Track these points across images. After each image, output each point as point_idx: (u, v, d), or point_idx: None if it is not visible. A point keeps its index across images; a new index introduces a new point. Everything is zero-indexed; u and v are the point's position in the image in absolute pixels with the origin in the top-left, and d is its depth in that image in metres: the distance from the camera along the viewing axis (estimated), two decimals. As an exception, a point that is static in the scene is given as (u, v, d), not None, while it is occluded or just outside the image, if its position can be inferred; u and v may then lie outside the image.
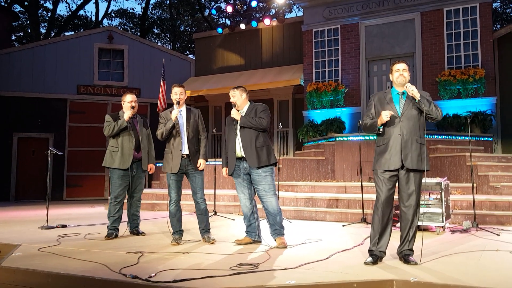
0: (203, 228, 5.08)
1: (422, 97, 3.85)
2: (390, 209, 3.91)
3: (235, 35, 14.47)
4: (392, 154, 3.86)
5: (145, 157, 5.63)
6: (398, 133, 3.86)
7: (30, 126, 13.27)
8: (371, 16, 11.68)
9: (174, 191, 5.00)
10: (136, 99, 5.67)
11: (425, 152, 3.87)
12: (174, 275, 3.36)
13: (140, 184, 5.68)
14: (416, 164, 3.80)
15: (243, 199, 4.94)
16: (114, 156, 5.43)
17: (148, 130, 5.76)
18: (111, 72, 14.26)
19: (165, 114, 5.13)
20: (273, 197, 4.79)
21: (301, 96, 12.88)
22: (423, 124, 3.91)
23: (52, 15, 24.54)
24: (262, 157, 4.76)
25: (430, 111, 3.83)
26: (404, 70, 4.01)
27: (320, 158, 10.08)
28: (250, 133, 4.81)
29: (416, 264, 3.69)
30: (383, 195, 3.89)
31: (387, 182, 3.89)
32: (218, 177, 9.95)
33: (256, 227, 4.95)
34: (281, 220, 4.86)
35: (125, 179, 5.47)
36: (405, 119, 3.87)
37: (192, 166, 5.01)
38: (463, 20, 10.68)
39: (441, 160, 8.67)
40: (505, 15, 22.72)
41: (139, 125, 5.65)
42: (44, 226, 6.39)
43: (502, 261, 3.89)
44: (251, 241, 4.92)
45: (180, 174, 5.01)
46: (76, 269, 3.65)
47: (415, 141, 3.83)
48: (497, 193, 7.39)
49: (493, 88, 10.32)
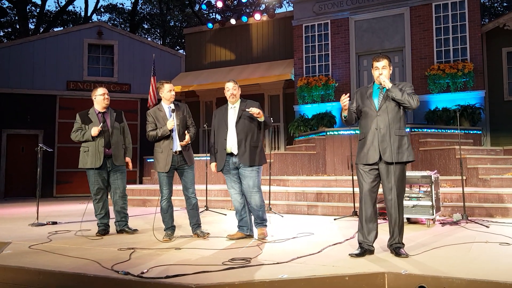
0: (195, 223, 5.08)
1: (393, 86, 3.84)
2: (373, 202, 3.93)
3: (225, 30, 14.42)
4: (369, 148, 3.89)
5: (117, 152, 5.42)
6: (375, 128, 3.89)
7: (19, 122, 13.14)
8: (360, 11, 11.70)
9: (166, 187, 4.98)
10: (107, 92, 5.52)
11: (406, 143, 3.88)
12: (167, 271, 3.36)
13: (118, 180, 5.46)
14: (396, 157, 3.81)
15: (233, 194, 4.94)
16: (86, 156, 5.37)
17: (122, 124, 5.57)
18: (100, 67, 14.16)
19: (153, 113, 5.04)
20: (257, 194, 4.80)
21: (291, 90, 12.89)
22: (403, 116, 3.93)
23: (40, 11, 24.23)
24: (255, 157, 4.76)
25: (402, 99, 3.81)
26: (384, 68, 3.97)
27: (311, 152, 10.11)
28: (247, 130, 4.78)
29: (407, 256, 3.71)
30: (364, 188, 3.93)
31: (367, 175, 3.93)
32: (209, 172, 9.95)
33: (248, 221, 4.96)
34: (264, 214, 4.90)
35: (100, 176, 5.37)
36: (382, 113, 3.88)
37: (184, 162, 4.99)
38: (451, 14, 10.75)
39: (430, 153, 8.74)
40: (493, 9, 22.89)
41: (110, 119, 5.47)
42: (35, 223, 6.34)
43: (492, 253, 3.94)
44: (243, 235, 4.93)
45: (172, 170, 4.99)
46: (67, 266, 3.62)
47: (393, 134, 3.83)
48: (486, 186, 7.47)
49: (481, 82, 10.41)
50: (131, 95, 14.08)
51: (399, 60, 11.37)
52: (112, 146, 5.40)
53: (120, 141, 5.50)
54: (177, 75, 14.57)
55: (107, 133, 5.39)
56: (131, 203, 9.24)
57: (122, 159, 5.51)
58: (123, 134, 5.58)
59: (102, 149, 5.32)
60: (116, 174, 5.45)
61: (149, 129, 5.01)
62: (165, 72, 14.12)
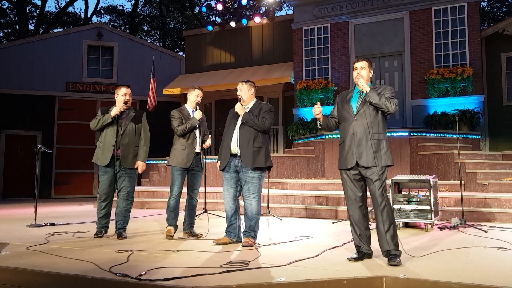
0: (189, 223, 5.21)
1: (371, 90, 3.82)
2: (359, 206, 3.89)
3: (225, 33, 14.43)
4: (347, 152, 3.88)
5: (126, 154, 5.24)
6: (352, 132, 3.87)
7: (18, 123, 13.13)
8: (360, 14, 11.73)
9: (178, 186, 5.14)
10: (131, 92, 5.41)
11: (385, 148, 3.81)
12: (165, 274, 3.35)
13: (125, 182, 5.26)
14: (372, 161, 3.74)
15: (226, 197, 4.80)
16: (98, 151, 5.30)
17: (139, 125, 5.38)
18: (100, 69, 14.15)
19: (178, 112, 5.30)
20: (255, 200, 4.66)
21: (291, 93, 12.89)
22: (382, 120, 3.87)
23: (40, 12, 24.25)
24: (258, 159, 4.63)
25: (379, 103, 3.77)
26: (363, 68, 3.98)
27: (310, 155, 10.11)
28: (250, 132, 4.67)
29: (398, 265, 3.55)
30: (348, 193, 3.93)
31: (349, 180, 3.91)
32: (208, 174, 9.95)
33: (237, 227, 4.80)
34: (256, 226, 4.71)
35: (108, 176, 5.26)
36: (360, 117, 3.85)
37: (199, 163, 5.26)
38: (451, 19, 10.78)
39: (429, 158, 8.75)
40: (493, 14, 22.96)
41: (127, 120, 5.33)
42: (32, 224, 6.32)
43: (490, 258, 3.94)
44: (230, 241, 4.76)
45: (186, 169, 5.17)
46: (65, 268, 3.61)
47: (370, 138, 3.78)
48: (485, 190, 7.48)
49: (480, 87, 10.44)
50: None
51: (398, 64, 11.39)
52: (122, 147, 5.24)
53: (132, 142, 5.31)
54: (177, 77, 14.57)
55: (118, 134, 5.23)
56: (130, 205, 9.22)
57: (132, 162, 5.29)
58: (138, 136, 5.38)
59: (112, 148, 5.20)
60: (123, 176, 5.28)
61: (177, 123, 5.22)
62: (164, 74, 14.12)
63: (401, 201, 5.81)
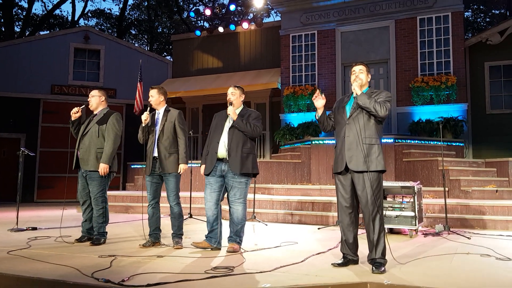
0: (173, 232, 4.95)
1: (362, 94, 3.80)
2: (350, 212, 3.88)
3: (213, 38, 14.44)
4: (338, 156, 3.89)
5: (85, 156, 5.11)
6: (343, 135, 3.87)
7: (1, 126, 12.93)
8: (347, 22, 11.84)
9: (149, 193, 4.97)
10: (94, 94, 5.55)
11: (376, 152, 3.75)
12: (148, 279, 3.31)
13: (91, 186, 5.12)
14: (362, 166, 3.70)
15: (208, 202, 4.72)
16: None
17: (103, 126, 5.21)
18: (86, 72, 14.04)
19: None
20: (241, 205, 4.64)
21: (278, 99, 12.93)
22: (376, 124, 3.83)
23: (27, 14, 23.97)
24: (246, 164, 4.61)
25: (369, 107, 3.73)
26: (361, 72, 3.98)
27: (297, 161, 10.13)
28: (239, 137, 4.64)
29: (382, 273, 3.52)
30: (339, 198, 3.94)
31: (340, 185, 3.91)
32: (194, 179, 9.90)
33: (218, 233, 4.73)
34: (242, 231, 4.69)
35: (80, 179, 5.23)
36: (352, 121, 3.84)
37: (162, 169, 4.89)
38: (435, 28, 10.94)
39: (414, 164, 8.83)
40: (476, 24, 23.38)
41: (93, 122, 5.28)
42: (14, 228, 6.21)
43: (473, 264, 3.98)
44: (210, 246, 4.67)
45: (155, 176, 4.95)
46: (46, 273, 3.55)
47: (361, 142, 3.75)
48: (468, 197, 7.57)
49: (464, 95, 10.59)
50: (117, 100, 13.96)
51: (383, 72, 11.51)
52: (81, 149, 5.18)
53: (94, 144, 5.17)
54: (164, 81, 14.51)
55: (79, 135, 5.26)
56: (114, 210, 9.14)
57: (93, 164, 5.11)
58: (102, 137, 5.22)
59: (75, 151, 5.22)
60: (89, 180, 5.16)
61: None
62: (151, 78, 14.05)
63: (386, 207, 5.84)
